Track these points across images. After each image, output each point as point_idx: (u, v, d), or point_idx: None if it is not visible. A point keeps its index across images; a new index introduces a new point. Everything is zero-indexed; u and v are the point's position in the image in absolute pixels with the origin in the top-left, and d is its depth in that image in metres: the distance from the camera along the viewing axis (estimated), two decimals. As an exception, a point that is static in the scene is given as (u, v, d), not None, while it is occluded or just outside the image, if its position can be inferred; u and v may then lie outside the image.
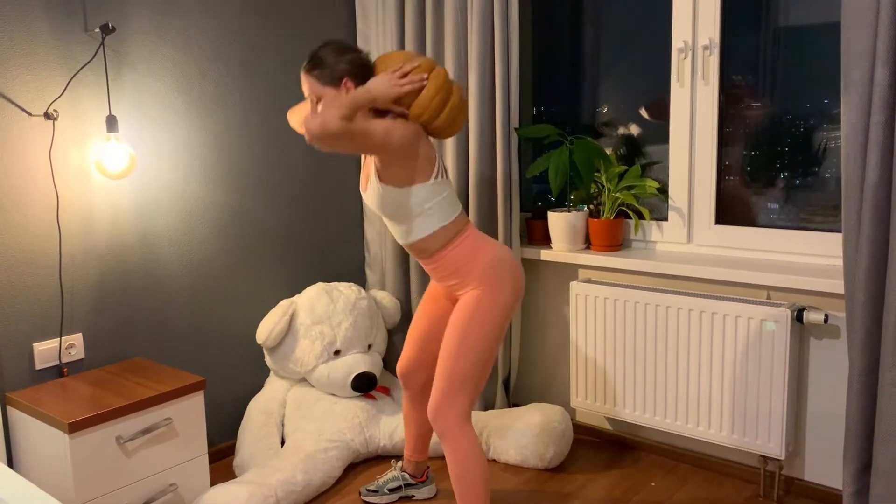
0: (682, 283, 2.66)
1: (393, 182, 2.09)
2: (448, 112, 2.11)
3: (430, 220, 2.13)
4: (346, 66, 2.09)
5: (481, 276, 2.12)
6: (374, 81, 2.04)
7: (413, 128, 2.06)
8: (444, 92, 2.09)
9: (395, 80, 2.05)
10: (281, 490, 2.38)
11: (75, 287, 2.45)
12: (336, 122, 1.92)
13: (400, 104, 2.08)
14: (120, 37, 2.49)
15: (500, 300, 2.11)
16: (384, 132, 1.99)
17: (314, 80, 2.11)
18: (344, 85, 2.09)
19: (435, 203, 2.12)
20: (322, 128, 1.92)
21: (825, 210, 2.49)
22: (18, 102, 2.28)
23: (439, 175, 2.13)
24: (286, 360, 2.82)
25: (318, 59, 2.10)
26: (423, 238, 2.16)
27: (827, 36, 2.41)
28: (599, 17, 2.97)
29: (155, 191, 2.63)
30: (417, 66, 2.07)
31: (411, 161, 2.06)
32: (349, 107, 1.96)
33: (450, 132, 2.18)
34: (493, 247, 2.17)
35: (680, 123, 2.68)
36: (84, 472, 2.11)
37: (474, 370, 2.09)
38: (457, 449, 2.09)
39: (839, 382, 2.39)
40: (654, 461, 2.78)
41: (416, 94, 2.07)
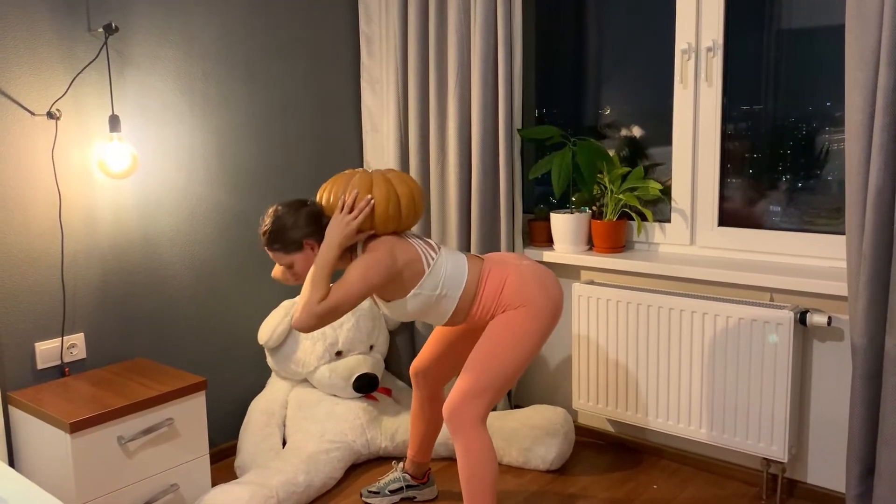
0: (685, 285, 2.65)
1: (398, 296, 2.14)
2: (405, 211, 2.14)
3: (450, 297, 2.16)
4: (302, 231, 2.13)
5: (516, 301, 2.12)
6: (329, 231, 2.09)
7: (384, 247, 2.09)
8: (392, 198, 2.11)
9: (347, 218, 2.08)
10: (282, 491, 2.38)
11: (77, 287, 2.44)
12: (318, 307, 2.00)
13: (362, 231, 2.12)
14: (123, 37, 2.49)
15: (536, 317, 2.11)
16: (362, 280, 2.03)
17: (278, 253, 2.16)
18: (306, 246, 2.14)
19: (443, 282, 2.14)
20: (310, 317, 2.01)
21: (828, 212, 2.49)
22: (21, 102, 2.28)
23: (430, 261, 2.14)
24: (288, 361, 2.82)
25: (275, 235, 2.14)
26: (455, 312, 2.18)
27: (830, 38, 2.40)
28: (602, 19, 2.96)
29: (157, 191, 2.63)
30: (357, 192, 2.09)
31: (398, 276, 2.10)
32: (322, 279, 2.03)
33: (416, 219, 2.21)
34: (515, 268, 2.17)
35: (683, 125, 2.68)
36: (85, 472, 2.11)
37: (500, 380, 2.10)
38: (469, 448, 2.09)
39: (842, 385, 2.38)
40: (657, 463, 2.78)
41: (372, 215, 2.10)
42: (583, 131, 3.01)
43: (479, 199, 2.88)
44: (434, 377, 2.43)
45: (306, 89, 3.05)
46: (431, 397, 2.46)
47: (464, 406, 2.09)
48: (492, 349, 2.11)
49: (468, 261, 2.20)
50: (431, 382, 2.44)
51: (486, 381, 2.09)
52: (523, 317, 2.11)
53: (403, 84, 3.06)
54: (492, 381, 2.09)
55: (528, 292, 2.12)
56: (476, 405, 2.09)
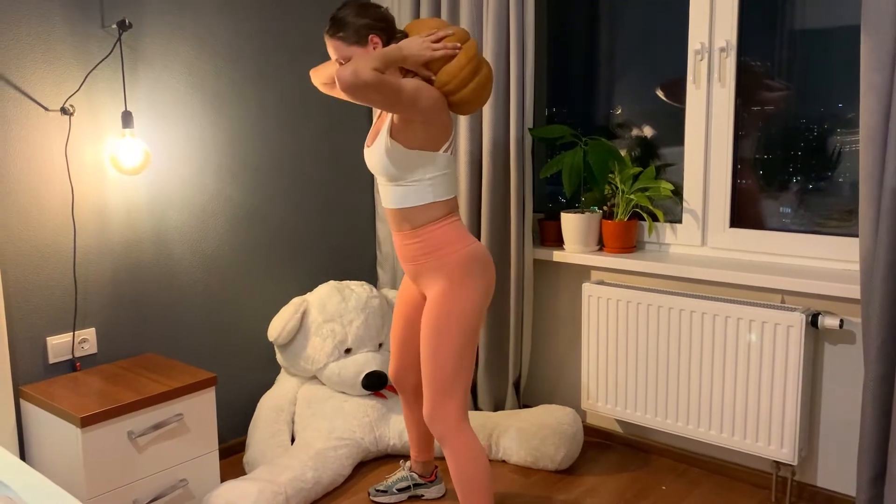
0: (696, 286, 2.64)
1: (405, 142, 2.05)
2: (475, 85, 2.08)
3: (427, 191, 2.10)
4: (370, 22, 2.06)
5: (454, 268, 2.08)
6: (407, 41, 2.03)
7: (439, 94, 2.05)
8: (474, 63, 2.06)
9: (429, 44, 2.02)
10: (291, 487, 2.38)
11: (89, 282, 2.46)
12: (368, 71, 1.88)
13: (429, 69, 2.06)
14: (136, 33, 2.50)
15: (471, 296, 2.07)
16: (414, 90, 1.97)
17: (340, 42, 2.07)
18: (371, 42, 2.06)
19: (437, 176, 2.10)
20: (354, 76, 1.87)
21: (840, 214, 2.47)
22: (35, 97, 2.29)
23: (449, 149, 2.11)
24: (297, 358, 2.82)
25: (342, 21, 2.06)
26: (416, 207, 2.11)
27: (843, 39, 2.39)
28: (615, 18, 2.95)
29: (169, 187, 2.64)
30: (451, 35, 2.05)
31: (430, 126, 2.04)
32: (381, 60, 1.95)
33: (471, 108, 2.14)
34: (471, 241, 2.13)
35: (695, 125, 2.66)
36: (95, 466, 2.12)
37: (457, 368, 2.06)
38: (457, 451, 2.08)
39: (854, 388, 2.37)
40: (665, 465, 2.77)
41: (446, 62, 2.04)
42: (594, 131, 3.00)
43: (489, 197, 2.88)
44: (410, 378, 2.43)
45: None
46: (416, 396, 2.46)
47: (440, 410, 2.08)
48: (435, 343, 2.06)
49: (454, 196, 2.16)
50: (410, 384, 2.44)
51: (444, 377, 2.06)
52: (456, 296, 2.06)
53: (415, 82, 3.05)
54: (449, 374, 2.06)
55: (469, 266, 2.08)
56: (450, 404, 2.07)
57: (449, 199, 2.13)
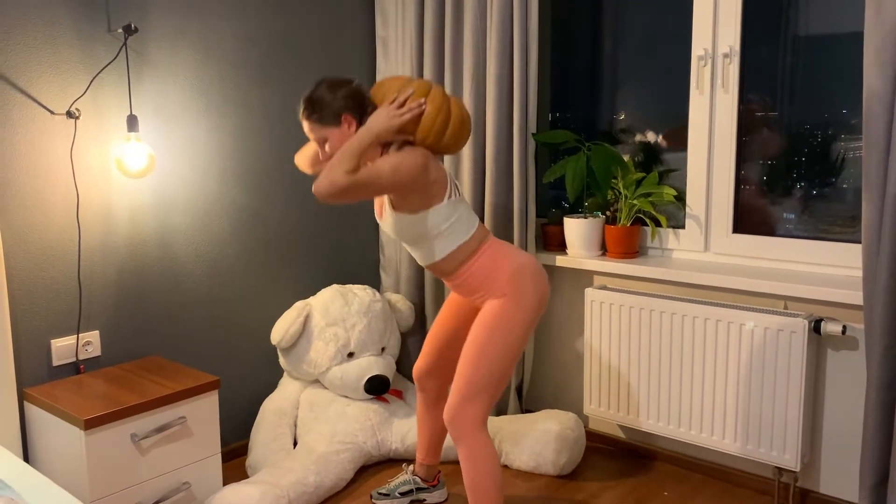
0: (699, 292, 2.64)
1: (408, 210, 2.10)
2: (451, 130, 2.10)
3: (448, 240, 2.14)
4: (343, 102, 2.08)
5: (504, 287, 2.11)
6: (374, 118, 2.04)
7: (420, 155, 2.05)
8: (444, 112, 2.08)
9: (395, 112, 2.04)
10: (293, 491, 2.38)
11: (93, 285, 2.47)
12: (343, 177, 1.93)
13: (403, 133, 2.08)
14: (142, 38, 2.51)
15: (524, 309, 2.10)
16: (392, 172, 1.99)
17: (314, 123, 2.10)
18: (344, 121, 2.08)
19: (451, 223, 2.13)
20: (331, 186, 1.93)
21: (843, 220, 2.47)
22: (41, 101, 2.31)
23: (452, 194, 2.13)
24: (300, 362, 2.83)
25: (315, 102, 2.09)
26: (444, 258, 2.16)
27: (846, 46, 2.39)
28: (618, 24, 2.96)
29: (173, 191, 2.65)
30: (413, 92, 2.06)
31: (424, 188, 2.07)
32: (354, 155, 1.98)
33: (457, 148, 2.17)
34: (514, 255, 2.16)
35: (699, 131, 2.67)
36: (99, 469, 2.13)
37: (494, 377, 2.09)
38: (472, 453, 2.09)
39: (856, 395, 2.37)
40: (668, 470, 2.77)
41: (418, 120, 2.06)
42: (597, 136, 3.00)
43: (492, 202, 2.88)
44: (436, 379, 2.44)
45: (322, 91, 3.06)
46: (436, 399, 2.46)
47: (463, 410, 2.09)
48: (481, 347, 2.09)
49: (477, 225, 2.19)
50: (434, 384, 2.45)
51: (479, 381, 2.08)
52: (510, 308, 2.09)
53: (419, 87, 3.06)
54: (485, 379, 2.08)
55: (520, 282, 2.11)
56: (475, 408, 2.08)
57: (472, 235, 2.16)
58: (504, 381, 2.12)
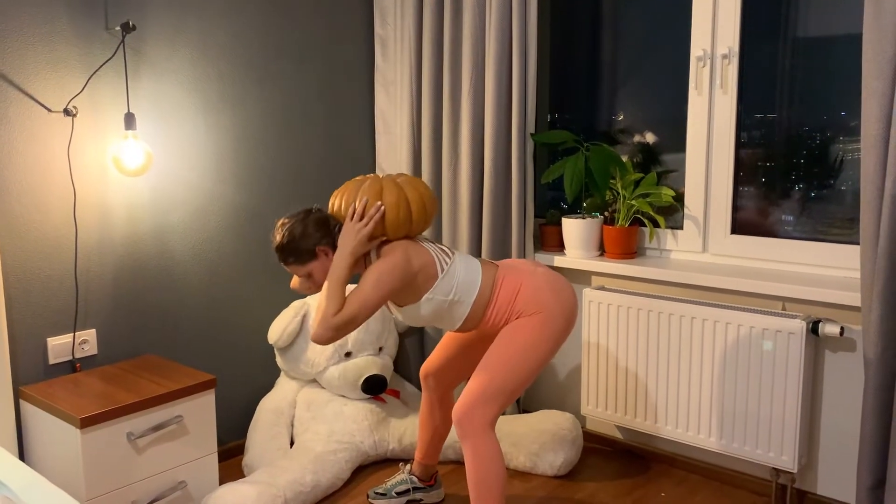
0: (697, 293, 2.64)
1: (411, 301, 2.14)
2: (417, 216, 2.14)
3: (463, 303, 2.16)
4: (313, 239, 2.14)
5: (530, 308, 2.12)
6: (342, 240, 2.10)
7: (399, 252, 2.09)
8: (403, 204, 2.11)
9: (358, 226, 2.09)
10: (289, 490, 2.38)
11: (90, 283, 2.46)
12: (334, 320, 2.01)
13: (374, 238, 2.12)
14: (140, 35, 2.50)
15: (549, 325, 2.11)
16: (375, 288, 2.04)
17: (294, 266, 2.17)
18: (320, 253, 2.15)
19: (456, 288, 2.14)
20: (327, 330, 2.01)
21: (842, 222, 2.47)
22: (39, 99, 2.30)
23: (444, 265, 2.14)
24: (297, 361, 2.82)
25: (287, 251, 2.15)
26: (467, 318, 2.18)
27: (845, 47, 2.39)
28: (617, 24, 2.96)
29: (170, 189, 2.64)
30: (367, 200, 2.10)
31: (412, 281, 2.10)
32: (337, 290, 2.04)
33: (428, 223, 2.21)
34: (529, 274, 2.17)
35: (697, 132, 2.67)
36: (95, 468, 2.12)
37: (510, 385, 2.10)
38: (477, 452, 2.09)
39: (854, 396, 2.37)
40: (665, 471, 2.76)
41: (382, 222, 2.10)
42: (596, 137, 3.00)
43: (491, 202, 2.88)
44: (444, 380, 2.43)
45: (320, 90, 3.06)
46: (441, 400, 2.46)
47: (474, 410, 2.09)
48: (504, 355, 2.11)
49: (482, 267, 2.20)
50: (442, 385, 2.44)
51: (497, 386, 2.09)
52: (536, 323, 2.11)
53: (417, 87, 3.06)
54: (503, 386, 2.09)
55: (541, 299, 2.12)
56: (486, 410, 2.09)
57: (482, 280, 2.17)
58: (519, 391, 2.13)
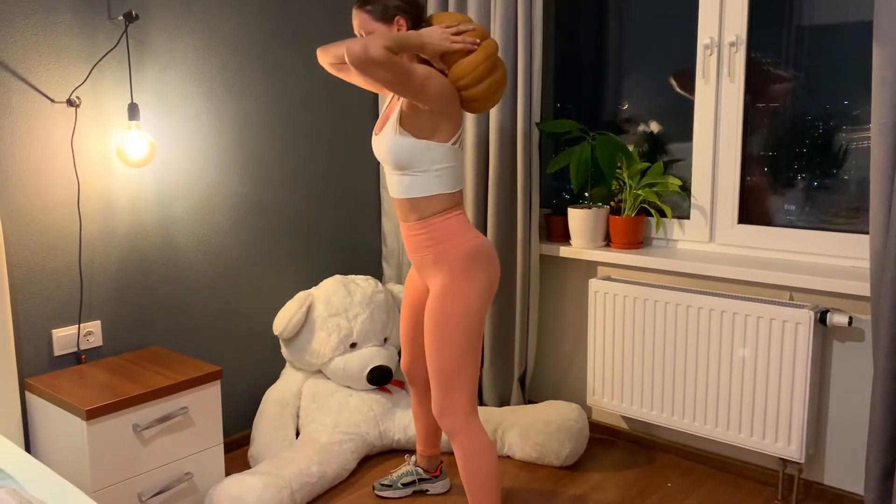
0: (704, 283, 2.63)
1: (413, 131, 2.05)
2: (488, 83, 2.07)
3: (435, 182, 2.09)
4: (399, 3, 2.07)
5: (456, 262, 2.06)
6: (427, 30, 2.03)
7: (450, 85, 2.04)
8: (490, 62, 2.05)
9: (448, 35, 2.02)
10: (295, 482, 2.38)
11: (94, 274, 2.45)
12: (380, 49, 1.88)
13: (445, 61, 2.06)
14: (143, 25, 2.49)
15: (473, 290, 2.05)
16: (425, 76, 1.96)
17: (366, 14, 2.08)
18: (396, 22, 2.07)
19: (445, 167, 2.08)
20: (365, 51, 1.86)
21: (847, 211, 2.45)
22: (41, 89, 2.29)
23: (458, 142, 2.10)
24: (302, 352, 2.82)
25: None
26: (423, 197, 2.10)
27: (851, 36, 2.37)
28: (623, 12, 2.93)
29: (174, 180, 2.63)
30: (472, 30, 2.05)
31: (439, 116, 2.03)
32: (397, 42, 1.94)
33: (481, 106, 2.13)
34: (474, 235, 2.12)
35: (704, 120, 2.65)
36: (101, 459, 2.12)
37: (461, 363, 2.05)
38: (466, 446, 2.07)
39: (862, 386, 2.36)
40: (671, 461, 2.76)
41: (463, 57, 2.04)
42: (601, 126, 2.98)
43: (496, 192, 2.87)
44: (422, 371, 2.43)
45: (324, 80, 3.04)
46: (427, 389, 2.45)
47: (448, 403, 2.07)
48: (439, 335, 2.05)
49: (460, 191, 2.15)
50: (421, 376, 2.44)
51: (451, 368, 2.05)
52: (462, 286, 2.04)
53: (422, 76, 3.04)
54: (456, 364, 2.05)
55: (475, 260, 2.06)
56: (459, 398, 2.06)
57: (455, 191, 2.12)
58: (476, 362, 2.08)
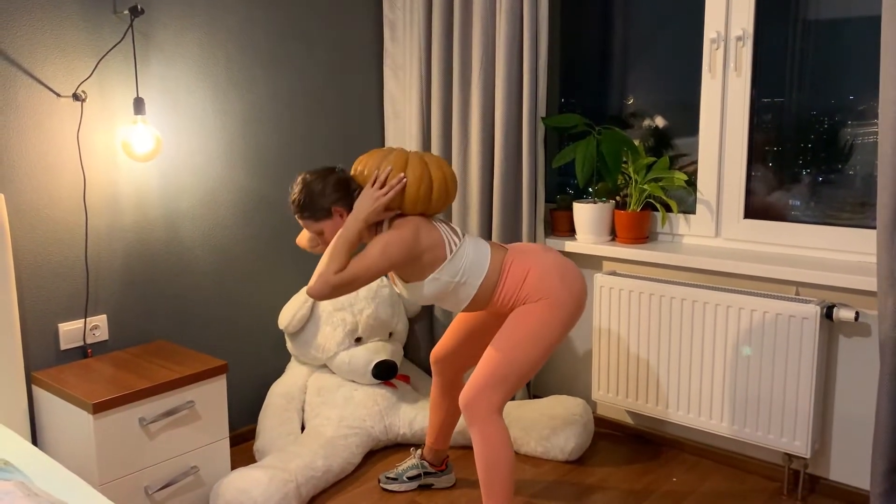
0: (709, 278, 2.62)
1: (416, 278, 2.12)
2: (437, 194, 2.12)
3: (470, 285, 2.14)
4: (331, 197, 2.12)
5: (535, 293, 2.11)
6: (358, 204, 2.08)
7: (410, 226, 2.07)
8: (425, 180, 2.09)
9: (377, 194, 2.06)
10: (301, 475, 2.38)
11: (100, 269, 2.46)
12: (334, 278, 1.99)
13: (390, 209, 2.11)
14: (148, 19, 2.49)
15: (557, 310, 2.09)
16: (381, 255, 2.02)
17: (308, 220, 2.16)
18: (335, 213, 2.13)
19: (464, 270, 2.12)
20: (325, 286, 1.99)
21: (853, 206, 2.45)
22: (48, 83, 2.29)
23: (452, 247, 2.12)
24: (307, 346, 2.82)
25: (304, 204, 2.14)
26: (474, 299, 2.17)
27: (858, 30, 2.36)
28: (629, 6, 2.93)
29: (180, 174, 2.63)
30: (391, 169, 2.08)
31: (419, 257, 2.08)
32: (343, 251, 2.03)
33: (446, 205, 2.18)
34: (538, 259, 2.15)
35: (710, 115, 2.64)
36: (107, 453, 2.12)
37: (518, 371, 2.09)
38: (485, 437, 2.08)
39: (868, 381, 2.35)
40: (676, 456, 2.76)
41: (402, 194, 2.08)
42: (606, 120, 2.98)
43: (501, 187, 2.86)
44: (454, 365, 2.43)
45: (329, 74, 3.04)
46: (451, 384, 2.45)
47: (481, 396, 2.08)
48: (511, 340, 2.09)
49: (491, 250, 2.18)
50: (451, 370, 2.44)
51: (504, 371, 2.08)
52: (544, 309, 2.09)
53: (427, 71, 3.04)
54: (510, 372, 2.08)
55: (549, 285, 2.10)
56: (493, 395, 2.08)
57: (490, 263, 2.15)
58: (527, 377, 2.12)
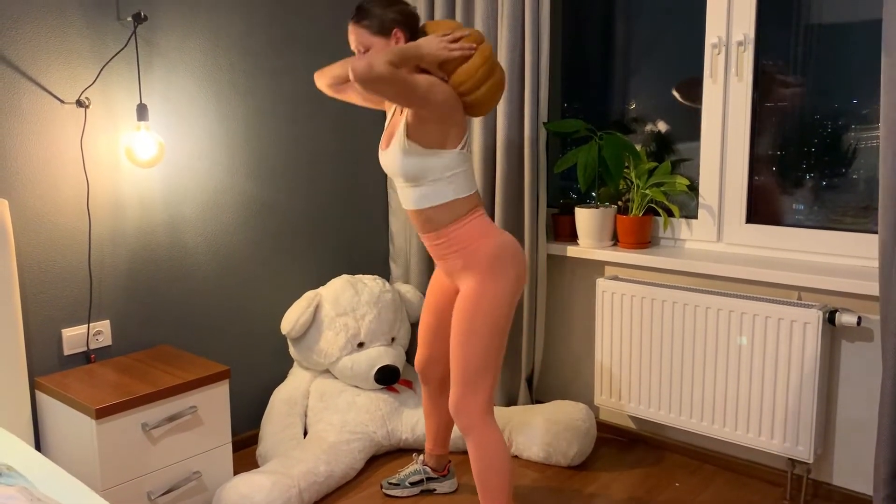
0: (711, 283, 2.62)
1: (421, 141, 2.05)
2: (489, 86, 2.08)
3: (447, 189, 2.09)
4: (395, 17, 2.08)
5: (484, 263, 2.07)
6: (425, 40, 2.03)
7: (453, 92, 2.05)
8: (489, 65, 2.06)
9: (446, 44, 2.03)
10: (303, 480, 2.39)
11: (104, 274, 2.47)
12: (383, 65, 1.88)
13: (444, 69, 2.06)
14: (151, 26, 2.50)
15: (503, 288, 2.06)
16: (428, 86, 1.97)
17: (363, 30, 2.09)
18: (394, 35, 2.08)
19: (456, 173, 2.09)
20: (368, 68, 1.86)
21: (855, 210, 2.45)
22: (51, 90, 2.30)
23: (465, 146, 2.11)
24: (310, 352, 2.82)
25: (368, 10, 2.09)
26: (436, 206, 2.11)
27: (860, 34, 2.36)
28: (631, 11, 2.93)
29: (183, 180, 2.64)
30: (467, 35, 2.06)
31: (445, 123, 2.04)
32: (398, 55, 1.95)
33: (483, 110, 2.14)
34: (498, 233, 2.12)
35: (712, 120, 2.64)
36: (110, 458, 2.13)
37: (487, 361, 2.06)
38: (480, 444, 2.08)
39: (871, 386, 2.35)
40: (679, 461, 2.75)
41: (462, 63, 2.04)
42: (608, 125, 2.98)
43: (503, 191, 2.87)
44: (435, 370, 2.43)
45: (332, 80, 3.05)
46: (439, 390, 2.45)
47: (465, 401, 2.07)
48: (466, 335, 2.06)
49: (475, 190, 2.16)
50: (434, 375, 2.44)
51: (474, 368, 2.06)
52: (489, 287, 2.05)
53: (429, 76, 3.04)
54: (479, 366, 2.06)
55: (500, 258, 2.07)
56: (478, 397, 2.07)
57: (470, 195, 2.13)
58: (498, 363, 2.09)
